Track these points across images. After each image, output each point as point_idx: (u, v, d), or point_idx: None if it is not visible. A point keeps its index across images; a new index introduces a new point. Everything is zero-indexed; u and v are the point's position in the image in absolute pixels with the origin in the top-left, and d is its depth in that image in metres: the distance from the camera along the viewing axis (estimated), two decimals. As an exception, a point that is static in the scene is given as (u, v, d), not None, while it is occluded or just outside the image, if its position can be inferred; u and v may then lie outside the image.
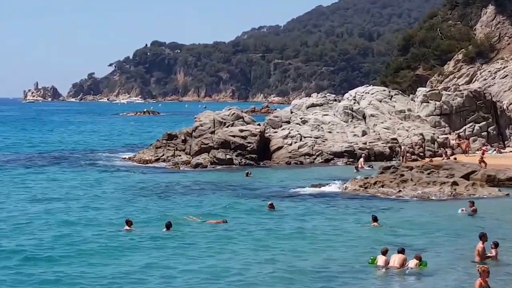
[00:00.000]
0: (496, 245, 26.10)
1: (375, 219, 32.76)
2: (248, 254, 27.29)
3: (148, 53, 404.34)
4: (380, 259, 25.43)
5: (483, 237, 26.16)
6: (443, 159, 57.27)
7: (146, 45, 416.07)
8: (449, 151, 63.83)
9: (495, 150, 64.01)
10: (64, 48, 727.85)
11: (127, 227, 31.54)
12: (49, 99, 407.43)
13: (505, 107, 73.85)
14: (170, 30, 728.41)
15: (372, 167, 56.47)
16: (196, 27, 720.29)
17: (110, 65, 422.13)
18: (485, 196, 42.13)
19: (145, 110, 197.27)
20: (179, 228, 31.90)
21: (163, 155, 65.20)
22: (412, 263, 25.10)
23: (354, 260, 26.28)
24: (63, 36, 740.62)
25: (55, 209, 37.61)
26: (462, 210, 36.19)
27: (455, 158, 58.20)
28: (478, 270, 20.76)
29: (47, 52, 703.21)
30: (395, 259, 25.24)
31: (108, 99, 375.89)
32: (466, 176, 46.62)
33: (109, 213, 36.82)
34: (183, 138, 67.80)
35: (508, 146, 66.36)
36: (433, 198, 42.05)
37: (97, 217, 35.38)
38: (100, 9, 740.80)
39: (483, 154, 55.56)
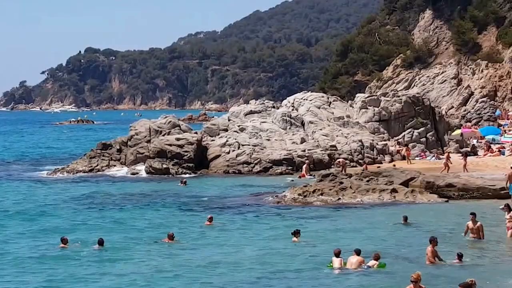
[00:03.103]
0: (460, 256, 26.37)
1: (295, 233, 31.29)
2: (189, 269, 26.45)
3: (82, 60, 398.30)
4: (336, 261, 25.48)
5: (433, 241, 26.47)
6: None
7: (80, 52, 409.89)
8: (387, 158, 63.50)
9: (434, 156, 63.75)
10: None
11: (62, 245, 30.18)
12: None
13: (443, 112, 73.91)
14: (105, 36, 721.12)
15: (314, 176, 55.17)
16: (131, 33, 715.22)
17: (43, 72, 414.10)
18: (424, 203, 41.81)
19: (79, 118, 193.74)
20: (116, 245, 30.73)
21: (97, 165, 63.63)
22: (370, 263, 25.38)
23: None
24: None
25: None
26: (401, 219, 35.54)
27: (394, 165, 57.84)
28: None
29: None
30: (353, 261, 25.41)
31: (40, 108, 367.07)
32: (405, 183, 46.30)
33: (38, 228, 35.43)
34: (118, 147, 66.46)
35: (447, 152, 65.99)
36: (373, 205, 41.50)
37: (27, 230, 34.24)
38: (31, 14, 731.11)
39: (448, 157, 54.96)
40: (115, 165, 63.75)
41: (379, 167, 57.12)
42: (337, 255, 25.75)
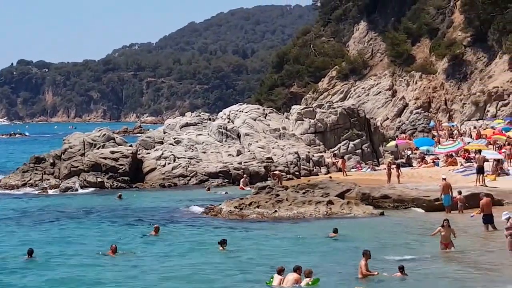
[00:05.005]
0: (401, 268, 26.06)
1: (222, 242, 31.41)
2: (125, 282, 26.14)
3: (14, 73, 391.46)
4: (276, 279, 24.87)
5: (366, 254, 26.23)
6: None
7: (12, 64, 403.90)
8: (324, 170, 63.61)
9: (369, 167, 64.13)
10: None
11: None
12: None
13: (379, 123, 74.48)
14: (37, 48, 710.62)
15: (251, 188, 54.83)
16: (64, 44, 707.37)
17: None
18: (359, 215, 41.60)
19: (11, 132, 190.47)
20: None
21: (30, 179, 62.50)
22: (304, 281, 24.65)
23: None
24: None
25: None
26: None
27: (330, 177, 57.91)
28: None
29: None
30: (289, 278, 24.73)
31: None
32: (341, 195, 46.30)
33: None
34: (51, 161, 65.34)
35: (382, 163, 66.41)
36: (308, 217, 41.39)
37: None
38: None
39: (390, 166, 55.10)
40: (48, 179, 62.63)
41: (309, 180, 55.97)
42: (279, 272, 25.00)
